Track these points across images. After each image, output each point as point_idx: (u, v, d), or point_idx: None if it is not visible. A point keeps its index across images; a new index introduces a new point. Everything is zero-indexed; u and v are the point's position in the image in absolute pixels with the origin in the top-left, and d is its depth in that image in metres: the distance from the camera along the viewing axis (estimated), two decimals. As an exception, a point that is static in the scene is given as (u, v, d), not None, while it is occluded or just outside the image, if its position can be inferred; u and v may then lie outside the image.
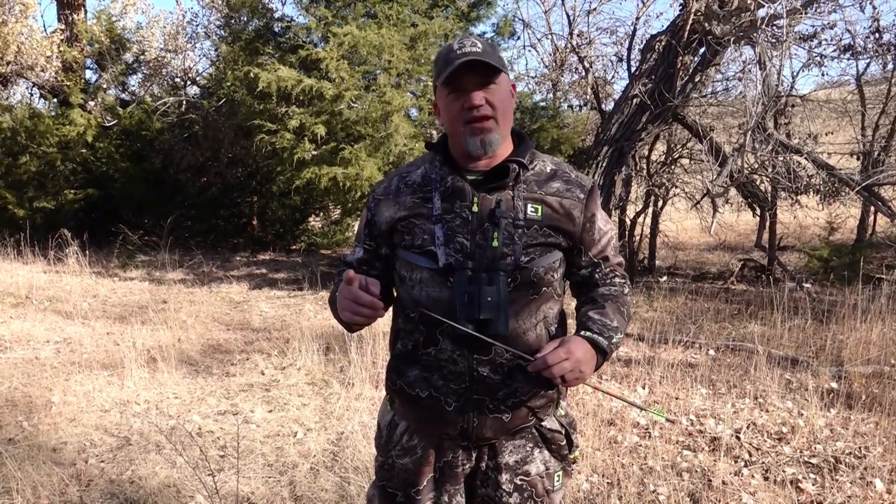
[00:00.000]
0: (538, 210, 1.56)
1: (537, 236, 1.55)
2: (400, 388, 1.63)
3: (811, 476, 3.29)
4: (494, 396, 1.56)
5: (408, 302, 1.61)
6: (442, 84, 1.53)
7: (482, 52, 1.51)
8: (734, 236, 11.24)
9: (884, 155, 8.42)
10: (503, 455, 1.62)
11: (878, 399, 4.09)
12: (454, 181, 1.56)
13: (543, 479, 1.64)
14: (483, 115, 1.51)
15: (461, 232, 1.54)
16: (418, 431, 1.65)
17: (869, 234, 9.76)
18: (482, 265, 1.52)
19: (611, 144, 7.92)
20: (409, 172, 1.66)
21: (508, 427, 1.58)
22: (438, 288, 1.54)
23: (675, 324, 6.17)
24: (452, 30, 8.21)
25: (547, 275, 1.57)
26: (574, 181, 1.63)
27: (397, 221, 1.60)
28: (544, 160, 1.65)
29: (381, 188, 1.68)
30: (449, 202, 1.56)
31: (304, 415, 4.09)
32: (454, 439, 1.60)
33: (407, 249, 1.59)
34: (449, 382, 1.56)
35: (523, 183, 1.58)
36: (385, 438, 1.71)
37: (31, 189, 10.84)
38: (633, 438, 3.70)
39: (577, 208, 1.59)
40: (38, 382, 4.62)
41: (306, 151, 7.30)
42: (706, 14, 7.15)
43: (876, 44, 7.84)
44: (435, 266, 1.54)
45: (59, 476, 3.22)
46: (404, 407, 1.65)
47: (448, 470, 1.63)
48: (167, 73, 12.34)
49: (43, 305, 7.02)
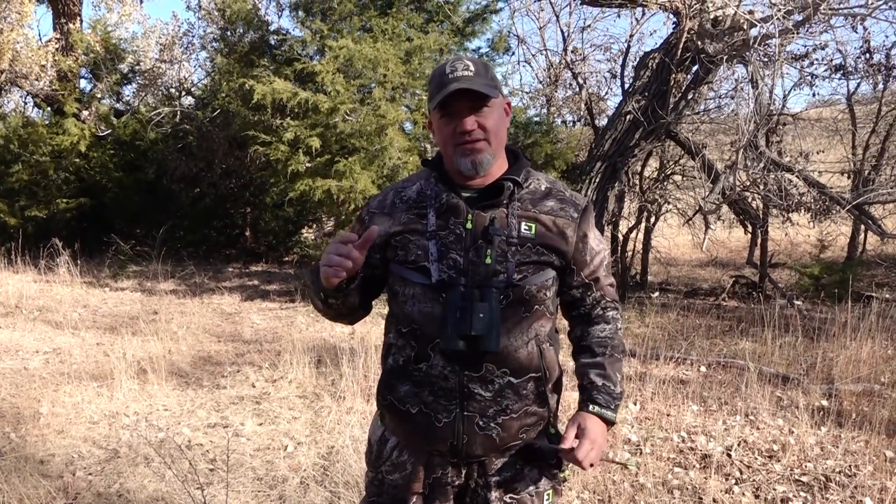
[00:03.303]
0: (532, 228, 1.57)
1: (530, 254, 1.56)
2: (391, 403, 1.63)
3: (801, 494, 3.29)
4: (485, 414, 1.56)
5: (400, 317, 1.61)
6: (435, 108, 1.55)
7: (474, 75, 1.52)
8: (726, 253, 11.28)
9: (874, 174, 8.49)
10: (493, 473, 1.61)
11: (868, 417, 4.10)
12: (449, 198, 1.58)
13: (534, 497, 1.64)
14: (474, 139, 1.52)
15: (455, 248, 1.55)
16: (408, 447, 1.65)
17: (859, 253, 9.82)
18: (475, 282, 1.52)
19: (604, 160, 7.96)
20: (405, 188, 1.67)
21: (498, 445, 1.58)
22: (431, 304, 1.55)
23: (667, 340, 6.18)
24: (447, 44, 8.26)
25: (539, 293, 1.57)
26: (568, 200, 1.63)
27: (391, 236, 1.61)
28: (539, 178, 1.65)
29: (376, 202, 1.69)
30: (443, 219, 1.57)
31: (294, 428, 4.07)
32: (444, 456, 1.60)
33: (400, 264, 1.59)
34: (440, 398, 1.56)
35: (518, 201, 1.58)
36: (375, 454, 1.70)
37: (23, 198, 10.77)
38: (625, 455, 3.70)
39: (570, 227, 1.60)
40: (27, 393, 4.58)
41: (300, 163, 7.31)
42: (699, 32, 7.23)
43: (866, 64, 7.94)
44: (428, 282, 1.55)
45: (47, 489, 3.19)
46: (395, 422, 1.65)
47: (437, 486, 1.62)
48: (162, 84, 12.33)
49: (33, 315, 6.98)
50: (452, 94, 1.50)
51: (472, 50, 9.17)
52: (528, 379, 1.59)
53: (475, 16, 9.07)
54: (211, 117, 10.36)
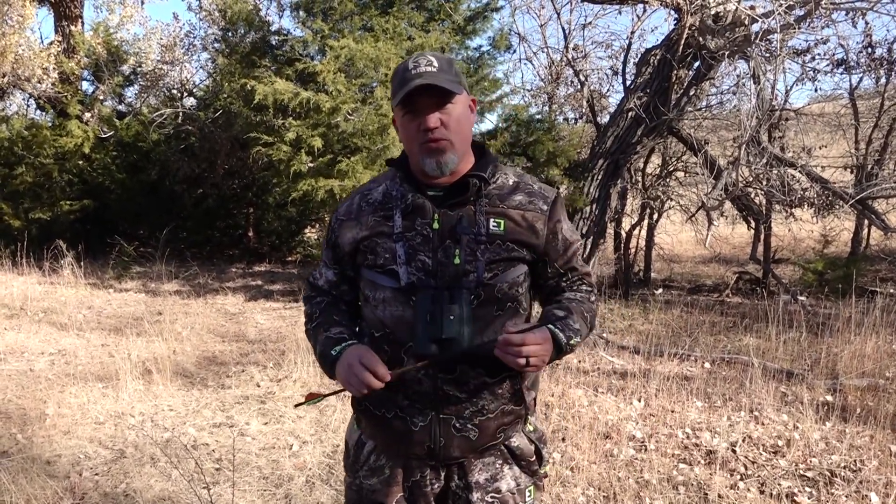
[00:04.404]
0: (501, 224, 1.54)
1: (501, 251, 1.53)
2: (366, 407, 1.61)
3: (807, 490, 3.29)
4: (461, 415, 1.54)
5: (372, 321, 1.59)
6: (397, 105, 1.51)
7: (437, 71, 1.48)
8: (729, 249, 11.28)
9: (877, 168, 8.48)
10: (473, 474, 1.60)
11: (873, 412, 4.10)
12: (414, 198, 1.55)
13: (515, 495, 1.62)
14: (437, 137, 1.49)
15: (423, 250, 1.52)
16: (385, 451, 1.63)
17: (863, 248, 9.80)
18: (445, 283, 1.50)
19: (606, 157, 7.95)
20: (371, 190, 1.63)
21: (476, 445, 1.57)
22: (401, 307, 1.52)
23: (671, 336, 6.18)
24: (448, 43, 8.25)
25: (511, 290, 1.55)
26: (537, 192, 1.61)
27: (360, 241, 1.58)
28: (507, 173, 1.63)
29: (344, 208, 1.65)
30: (410, 220, 1.54)
31: (299, 427, 4.07)
32: (422, 459, 1.58)
33: (370, 269, 1.57)
34: (415, 402, 1.54)
35: (485, 197, 1.56)
36: (352, 458, 1.69)
37: (26, 200, 10.81)
38: (629, 452, 3.70)
39: (540, 220, 1.58)
40: (33, 394, 4.60)
41: (303, 163, 7.31)
42: (701, 28, 7.21)
43: (868, 58, 7.93)
44: (397, 285, 1.52)
45: (53, 489, 3.21)
46: (371, 427, 1.63)
47: (417, 490, 1.60)
48: (164, 85, 12.37)
49: (38, 317, 7.00)
50: (415, 89, 1.46)
51: (474, 48, 9.16)
52: (504, 378, 1.56)
53: (476, 14, 9.06)
54: (213, 118, 10.37)
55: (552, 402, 4.37)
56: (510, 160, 8.54)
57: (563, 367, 5.14)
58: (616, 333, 6.45)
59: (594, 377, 5.01)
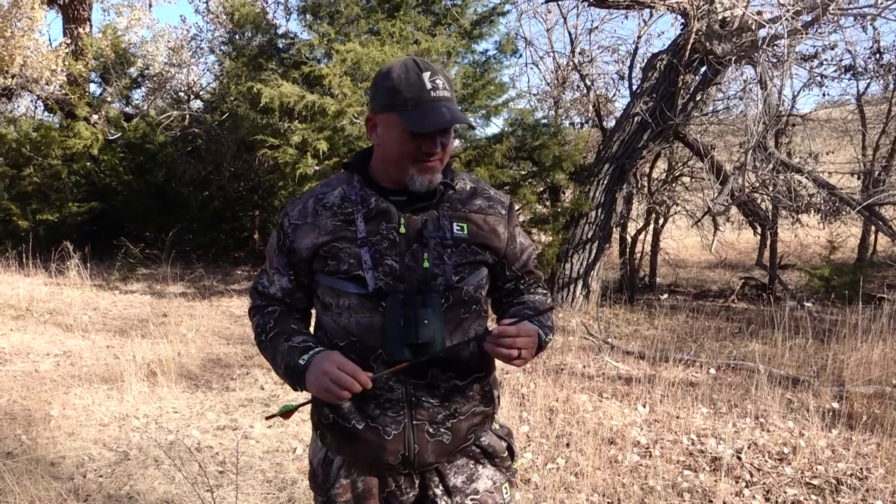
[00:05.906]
0: (464, 228, 1.56)
1: (466, 254, 1.55)
2: (334, 421, 1.56)
3: (813, 497, 3.27)
4: (434, 420, 1.53)
5: (335, 330, 1.55)
6: (407, 125, 1.45)
7: (450, 93, 1.48)
8: (735, 254, 11.24)
9: (884, 175, 8.44)
10: (450, 478, 1.60)
11: (879, 420, 4.07)
12: (378, 203, 1.53)
13: (493, 493, 1.63)
14: (438, 159, 1.50)
15: (390, 254, 1.51)
16: (356, 465, 1.60)
17: (870, 254, 9.76)
18: (414, 287, 1.49)
19: (612, 162, 7.95)
20: (326, 193, 1.59)
21: (449, 449, 1.56)
22: (369, 314, 1.50)
23: (676, 342, 6.16)
24: (455, 47, 8.25)
25: (476, 292, 1.58)
26: (494, 198, 1.64)
27: (319, 247, 1.54)
28: (464, 178, 1.64)
29: (296, 211, 1.59)
30: (373, 224, 1.52)
31: (303, 430, 4.07)
32: (395, 468, 1.56)
33: (331, 275, 1.53)
34: (386, 411, 1.51)
35: (447, 202, 1.57)
36: (322, 477, 1.64)
37: (34, 201, 10.87)
38: (634, 458, 3.69)
39: (500, 224, 1.61)
40: (38, 396, 4.61)
41: (308, 166, 7.33)
42: (707, 33, 7.21)
43: (876, 64, 7.91)
44: (364, 291, 1.49)
45: (58, 490, 3.21)
46: (339, 441, 1.58)
47: (393, 501, 1.59)
48: (171, 88, 12.41)
49: (43, 318, 7.02)
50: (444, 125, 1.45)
51: (480, 52, 9.15)
52: (474, 380, 1.58)
53: (482, 18, 9.05)
54: (219, 121, 10.41)
55: (556, 407, 4.36)
56: (516, 164, 8.54)
57: (568, 373, 5.13)
58: (621, 338, 6.43)
59: (599, 382, 5.00)
